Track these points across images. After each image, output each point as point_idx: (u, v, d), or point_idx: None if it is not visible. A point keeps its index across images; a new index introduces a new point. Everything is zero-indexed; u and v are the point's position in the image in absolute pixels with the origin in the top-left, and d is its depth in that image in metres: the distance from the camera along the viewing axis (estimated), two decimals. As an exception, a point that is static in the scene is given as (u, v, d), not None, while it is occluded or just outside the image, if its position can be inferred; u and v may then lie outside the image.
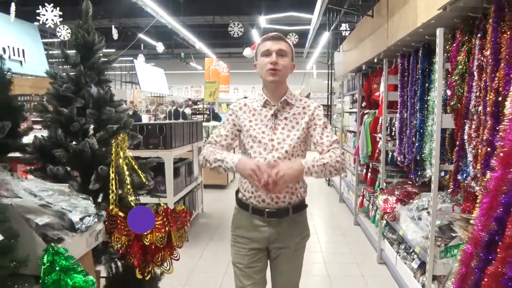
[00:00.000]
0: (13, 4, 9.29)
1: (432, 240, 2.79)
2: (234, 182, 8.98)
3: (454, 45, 2.67)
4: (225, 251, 2.56)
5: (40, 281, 1.55)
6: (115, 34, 13.41)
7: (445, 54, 2.77)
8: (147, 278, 2.25)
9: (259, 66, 2.18)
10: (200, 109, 16.05)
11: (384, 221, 4.16)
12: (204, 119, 11.73)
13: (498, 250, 1.59)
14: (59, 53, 17.69)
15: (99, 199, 2.42)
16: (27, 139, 2.32)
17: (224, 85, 18.90)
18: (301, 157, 2.15)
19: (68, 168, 2.40)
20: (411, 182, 4.29)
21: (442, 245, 2.84)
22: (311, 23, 9.33)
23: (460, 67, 2.59)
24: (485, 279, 1.61)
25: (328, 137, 2.11)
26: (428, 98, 3.28)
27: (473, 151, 2.43)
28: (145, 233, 2.11)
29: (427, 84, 3.36)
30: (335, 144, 2.11)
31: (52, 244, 1.60)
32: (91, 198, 2.07)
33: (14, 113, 2.38)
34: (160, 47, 15.15)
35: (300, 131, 2.12)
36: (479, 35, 2.39)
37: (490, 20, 2.23)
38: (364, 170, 5.80)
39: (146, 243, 2.14)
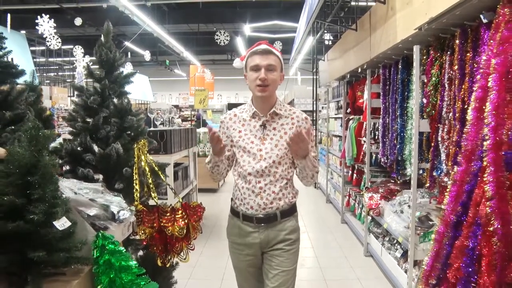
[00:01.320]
0: (9, 16, 9.48)
1: (412, 229, 3.18)
2: (224, 185, 9.32)
3: (428, 60, 3.08)
4: (222, 248, 2.82)
5: (93, 261, 1.88)
6: (103, 43, 13.64)
7: (421, 67, 3.18)
8: (167, 266, 2.59)
9: (248, 80, 2.20)
10: (186, 116, 16.34)
11: (370, 217, 4.56)
12: (191, 126, 12.01)
13: (463, 228, 1.98)
14: (45, 60, 17.75)
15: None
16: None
17: (209, 91, 19.22)
18: (289, 165, 2.22)
19: (91, 171, 2.73)
20: (393, 181, 4.70)
21: (422, 233, 3.23)
22: (296, 38, 9.73)
23: (433, 79, 2.99)
24: (454, 252, 2.00)
25: (311, 152, 2.17)
26: (407, 105, 3.69)
27: (445, 150, 2.84)
28: (167, 225, 2.45)
29: (406, 93, 3.77)
30: (316, 160, 2.22)
31: (101, 231, 1.94)
32: (121, 195, 2.41)
33: (45, 122, 2.73)
34: (147, 55, 15.44)
35: (286, 142, 2.16)
36: (448, 52, 2.80)
37: (457, 41, 2.65)
38: (350, 172, 6.20)
39: (168, 234, 2.48)
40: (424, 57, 3.19)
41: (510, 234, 1.81)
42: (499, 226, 1.81)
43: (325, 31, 8.69)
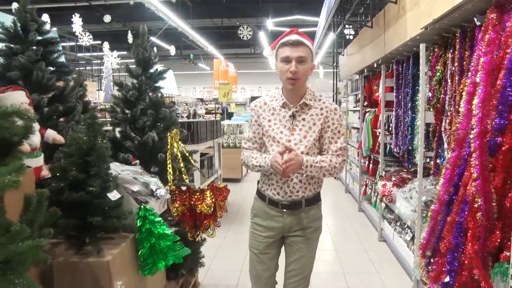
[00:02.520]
0: (47, 16, 9.94)
1: (419, 213, 3.47)
2: (248, 176, 9.68)
3: (433, 57, 3.36)
4: (244, 233, 3.08)
5: (137, 229, 2.25)
6: (130, 38, 14.17)
7: (427, 64, 3.45)
8: (197, 240, 2.96)
9: (278, 71, 2.20)
10: (210, 109, 16.76)
11: (383, 204, 4.85)
12: (215, 118, 12.42)
13: (454, 206, 2.28)
14: (74, 55, 18.29)
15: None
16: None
17: (232, 85, 19.59)
18: (316, 155, 2.23)
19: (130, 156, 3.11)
20: (405, 170, 4.98)
21: (425, 215, 3.52)
22: (317, 32, 9.97)
23: (438, 74, 3.27)
24: (446, 227, 2.30)
25: (337, 143, 2.22)
26: (417, 98, 3.96)
27: (447, 140, 3.12)
28: (197, 203, 2.81)
29: (416, 87, 4.04)
30: (341, 151, 2.23)
31: (143, 204, 2.31)
32: (157, 177, 2.78)
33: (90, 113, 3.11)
34: (172, 50, 15.87)
35: (316, 133, 2.19)
36: (450, 50, 3.07)
37: (457, 40, 2.92)
38: (367, 162, 6.49)
39: (198, 212, 2.83)
40: (431, 54, 3.46)
41: (492, 210, 2.10)
42: (482, 203, 2.10)
43: (346, 26, 8.96)
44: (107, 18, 12.14)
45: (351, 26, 9.32)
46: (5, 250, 1.22)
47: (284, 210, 2.26)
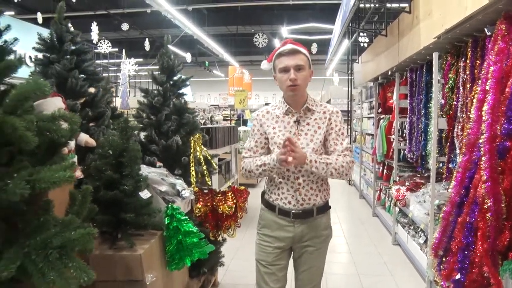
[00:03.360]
0: (39, 14, 10.19)
1: (431, 215, 3.57)
2: (263, 181, 9.79)
3: (446, 65, 3.47)
4: None
5: (165, 227, 2.41)
6: (147, 46, 14.46)
7: (440, 72, 3.57)
8: (218, 239, 3.10)
9: (278, 81, 2.23)
10: (226, 115, 16.99)
11: (398, 208, 4.95)
12: (230, 124, 12.64)
13: (464, 207, 2.39)
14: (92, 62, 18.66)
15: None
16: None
17: (248, 92, 19.78)
18: None
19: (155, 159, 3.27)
20: (419, 175, 5.07)
21: (437, 217, 3.62)
22: (332, 40, 10.11)
23: (450, 82, 3.38)
24: (457, 227, 2.41)
25: (342, 144, 2.23)
26: (430, 105, 4.07)
27: (459, 145, 3.22)
28: (219, 204, 2.95)
29: (429, 94, 4.15)
30: (347, 151, 2.24)
31: (170, 203, 2.46)
32: (182, 179, 2.94)
33: (117, 117, 3.29)
34: (188, 57, 16.14)
35: (322, 135, 2.22)
36: (463, 59, 3.19)
37: (469, 49, 3.04)
38: (381, 168, 6.59)
39: (220, 212, 2.98)
40: (444, 62, 3.58)
41: (501, 210, 2.21)
42: (492, 204, 2.21)
43: (361, 34, 9.07)
44: (125, 26, 12.42)
45: (365, 34, 9.44)
46: (60, 237, 1.38)
47: (296, 219, 2.24)
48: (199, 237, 2.43)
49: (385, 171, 6.41)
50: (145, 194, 2.22)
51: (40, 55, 2.83)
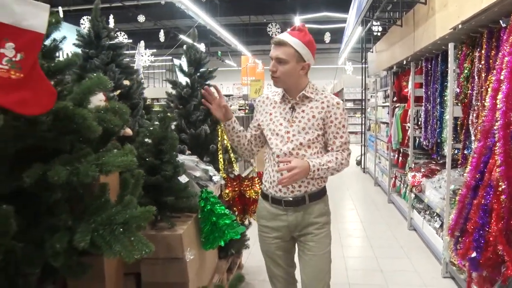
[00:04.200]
0: (60, 9, 10.37)
1: (447, 200, 3.73)
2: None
3: (461, 55, 3.60)
4: None
5: (200, 210, 2.60)
6: (161, 37, 14.65)
7: (456, 61, 3.70)
8: (244, 223, 3.29)
9: None
10: (240, 105, 17.17)
11: (413, 194, 5.10)
12: (245, 114, 12.81)
13: (479, 190, 2.55)
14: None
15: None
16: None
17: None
18: (319, 149, 2.19)
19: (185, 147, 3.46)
20: (434, 162, 5.21)
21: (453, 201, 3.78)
22: (345, 30, 10.18)
23: (465, 71, 3.52)
24: (472, 209, 2.58)
25: (342, 138, 2.19)
26: (445, 94, 4.20)
27: (474, 132, 3.37)
28: (246, 189, 3.14)
29: (445, 83, 4.28)
30: (345, 145, 2.21)
31: (204, 188, 2.65)
32: (211, 165, 3.13)
33: (147, 108, 3.48)
34: (202, 48, 16.28)
35: (316, 125, 2.15)
36: (478, 49, 3.32)
37: (484, 40, 3.17)
38: (396, 155, 6.73)
39: (247, 197, 3.17)
40: (459, 53, 3.71)
41: (514, 192, 2.37)
42: (506, 187, 2.37)
43: (374, 23, 9.14)
44: (141, 18, 12.62)
45: (379, 23, 9.51)
46: (123, 214, 1.57)
47: (287, 207, 2.20)
48: (231, 219, 2.62)
49: (400, 158, 6.55)
50: (183, 178, 2.41)
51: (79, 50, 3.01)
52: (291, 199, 2.19)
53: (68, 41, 1.98)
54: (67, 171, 1.49)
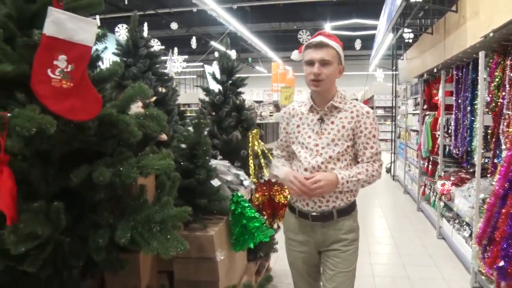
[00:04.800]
0: (98, 18, 10.71)
1: (476, 209, 3.71)
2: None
3: (492, 63, 3.60)
4: None
5: (230, 212, 2.70)
6: (193, 44, 14.93)
7: (487, 70, 3.70)
8: (274, 226, 3.37)
9: (304, 73, 2.11)
10: (271, 111, 17.31)
11: (442, 203, 5.08)
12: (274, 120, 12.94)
13: (508, 199, 2.57)
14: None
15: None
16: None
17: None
18: (349, 161, 2.11)
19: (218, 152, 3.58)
20: (464, 170, 5.17)
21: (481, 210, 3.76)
22: (376, 37, 10.17)
23: (496, 80, 3.52)
24: (501, 217, 2.59)
25: (372, 148, 2.11)
26: (476, 102, 4.19)
27: (505, 141, 3.36)
28: (276, 194, 3.23)
29: (475, 91, 4.27)
30: (376, 156, 2.13)
31: (235, 191, 2.75)
32: (242, 170, 3.23)
33: (181, 114, 3.61)
34: (233, 54, 16.48)
35: (345, 137, 2.07)
36: (509, 57, 3.32)
37: (515, 49, 3.18)
38: (426, 163, 6.69)
39: (276, 201, 3.26)
40: (490, 61, 3.71)
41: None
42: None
43: (405, 30, 9.12)
44: (174, 26, 12.92)
45: (410, 30, 9.48)
46: (161, 214, 1.68)
47: (315, 222, 2.12)
48: (261, 222, 2.71)
49: (430, 166, 6.51)
50: (215, 182, 2.52)
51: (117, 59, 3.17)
52: (318, 214, 2.10)
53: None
54: (110, 172, 1.61)
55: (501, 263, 2.53)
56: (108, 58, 3.72)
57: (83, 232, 1.71)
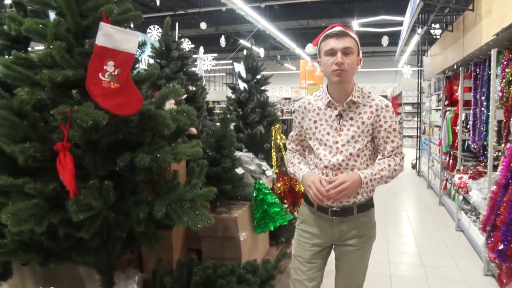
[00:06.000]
0: (156, 27, 11.11)
1: (488, 200, 3.90)
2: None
3: (504, 60, 3.78)
4: None
5: (253, 198, 3.00)
6: (222, 42, 15.28)
7: (500, 66, 3.88)
8: (295, 214, 3.65)
9: (323, 65, 2.02)
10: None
11: (461, 196, 5.25)
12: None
13: (510, 187, 2.77)
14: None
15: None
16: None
17: (320, 85, 20.08)
18: (368, 157, 2.08)
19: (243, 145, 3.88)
20: (482, 164, 5.32)
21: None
22: (401, 33, 10.27)
23: (507, 76, 3.69)
24: (503, 205, 2.80)
25: (393, 142, 2.06)
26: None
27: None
28: (296, 183, 3.51)
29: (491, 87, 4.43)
30: (397, 149, 2.08)
31: (257, 179, 3.05)
32: (265, 161, 3.53)
33: (210, 110, 3.92)
34: (261, 52, 16.78)
35: (365, 133, 2.02)
36: (519, 55, 3.51)
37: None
38: (447, 158, 6.84)
39: (296, 190, 3.54)
40: (503, 58, 3.88)
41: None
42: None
43: (430, 26, 9.20)
44: (203, 25, 13.28)
45: (437, 25, 9.55)
46: (191, 193, 2.00)
47: (334, 217, 2.09)
48: (281, 207, 3.00)
49: (451, 161, 6.65)
50: (239, 170, 2.82)
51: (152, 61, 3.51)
52: (338, 209, 2.07)
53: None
54: (149, 158, 1.93)
55: (501, 247, 2.74)
56: (143, 58, 4.09)
57: (125, 209, 2.04)
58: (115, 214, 2.01)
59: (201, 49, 14.20)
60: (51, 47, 1.84)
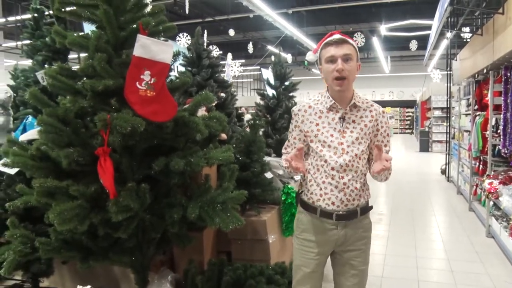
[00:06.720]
0: (185, 35, 11.28)
1: (519, 205, 3.88)
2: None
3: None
4: None
5: (281, 202, 3.07)
6: (250, 49, 15.44)
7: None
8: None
9: (324, 72, 2.08)
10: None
11: (491, 202, 5.19)
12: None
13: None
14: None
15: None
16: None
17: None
18: (367, 159, 2.14)
19: (272, 150, 3.96)
20: (513, 169, 5.27)
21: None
22: (430, 37, 10.18)
23: (538, 81, 3.67)
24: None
25: (386, 147, 2.14)
26: (521, 102, 4.33)
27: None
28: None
29: (521, 92, 4.40)
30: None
31: (286, 184, 3.12)
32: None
33: (239, 116, 4.01)
34: (289, 58, 16.87)
35: (367, 135, 2.10)
36: (548, 60, 3.48)
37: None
38: (477, 163, 6.75)
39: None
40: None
41: None
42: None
43: (460, 29, 9.12)
44: (231, 32, 13.46)
45: (467, 28, 9.45)
46: (222, 196, 2.09)
47: (339, 221, 2.10)
48: (308, 211, 3.06)
49: (481, 166, 6.56)
50: (268, 175, 2.90)
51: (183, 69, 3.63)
52: (343, 212, 2.08)
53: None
54: (183, 162, 2.03)
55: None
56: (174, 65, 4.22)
57: (159, 211, 2.15)
58: (150, 215, 2.13)
59: (229, 55, 14.40)
60: (91, 59, 1.97)
